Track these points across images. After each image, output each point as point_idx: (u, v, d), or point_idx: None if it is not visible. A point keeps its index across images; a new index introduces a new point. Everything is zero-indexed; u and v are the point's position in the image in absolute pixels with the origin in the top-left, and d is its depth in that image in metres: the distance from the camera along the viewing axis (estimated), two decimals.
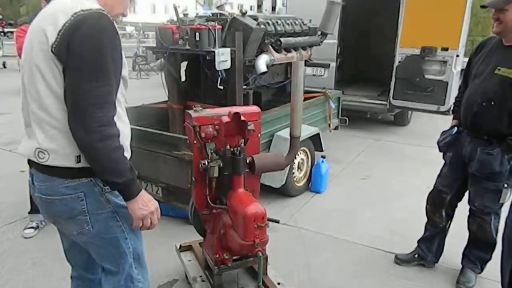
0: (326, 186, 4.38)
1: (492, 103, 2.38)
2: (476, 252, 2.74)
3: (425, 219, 2.98)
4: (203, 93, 4.20)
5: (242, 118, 2.09)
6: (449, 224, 2.88)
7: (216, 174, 2.11)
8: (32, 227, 3.36)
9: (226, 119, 2.09)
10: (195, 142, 2.13)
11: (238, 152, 2.14)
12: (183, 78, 4.36)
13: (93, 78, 1.35)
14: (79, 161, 1.45)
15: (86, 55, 1.35)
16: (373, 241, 3.36)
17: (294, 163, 4.12)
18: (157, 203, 1.58)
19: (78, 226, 1.54)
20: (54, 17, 1.39)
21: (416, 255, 3.00)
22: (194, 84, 4.26)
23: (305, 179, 4.36)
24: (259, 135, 2.34)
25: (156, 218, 1.57)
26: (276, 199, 4.07)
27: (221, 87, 3.77)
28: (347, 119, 5.44)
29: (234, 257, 2.30)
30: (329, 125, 5.06)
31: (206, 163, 2.09)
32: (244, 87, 3.87)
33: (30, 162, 1.55)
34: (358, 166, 5.17)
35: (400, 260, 3.03)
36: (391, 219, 3.75)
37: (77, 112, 1.37)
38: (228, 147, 2.14)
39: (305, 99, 4.56)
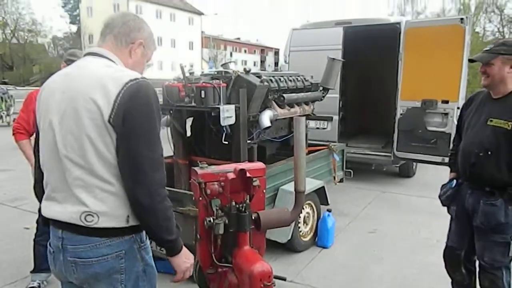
0: (333, 241, 4.30)
1: (489, 152, 2.41)
2: None
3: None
4: (208, 148, 4.26)
5: (248, 174, 2.10)
6: (474, 280, 2.74)
7: (221, 231, 2.09)
8: (33, 287, 3.27)
9: (231, 176, 2.11)
10: (200, 198, 2.13)
11: (243, 209, 2.13)
12: (188, 134, 4.44)
13: (149, 143, 1.44)
14: (128, 221, 1.49)
15: (142, 123, 1.43)
16: None
17: (300, 217, 4.07)
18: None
19: (110, 286, 1.52)
20: (102, 86, 1.42)
21: None
22: (199, 140, 4.32)
23: (312, 234, 4.28)
24: (264, 191, 2.34)
25: (191, 269, 1.66)
26: (282, 255, 3.97)
27: (226, 142, 3.82)
28: (351, 171, 5.44)
29: None
30: (334, 178, 5.05)
31: (212, 220, 2.08)
32: (249, 141, 3.93)
33: (62, 226, 1.51)
34: (365, 219, 5.09)
35: None
36: (401, 275, 3.63)
37: (138, 176, 1.42)
38: (234, 203, 2.14)
39: (309, 152, 4.62)
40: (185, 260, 1.60)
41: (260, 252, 2.28)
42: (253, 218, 2.19)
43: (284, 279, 3.54)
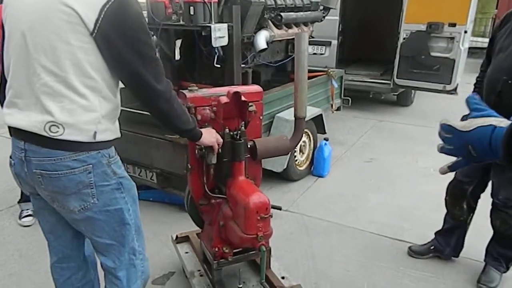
0: (329, 170, 4.20)
1: None
2: (500, 249, 2.51)
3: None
4: (198, 72, 3.97)
5: (243, 98, 1.88)
6: (471, 218, 2.64)
7: (214, 161, 1.91)
8: (30, 215, 3.18)
9: (224, 99, 1.88)
10: None
11: (238, 136, 1.94)
12: (177, 57, 4.12)
13: (151, 58, 1.45)
14: (95, 137, 1.44)
15: (137, 36, 1.40)
16: (380, 228, 3.19)
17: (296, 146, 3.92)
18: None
19: (81, 201, 1.49)
20: None
21: (432, 247, 2.79)
22: (189, 63, 4.02)
23: (307, 163, 4.17)
24: (261, 117, 2.13)
25: (219, 139, 1.87)
26: (277, 184, 3.89)
27: (218, 66, 3.53)
28: (349, 99, 5.21)
29: (235, 251, 2.12)
30: (332, 106, 4.84)
31: (203, 149, 1.89)
32: (243, 65, 3.64)
33: (25, 136, 1.42)
34: (362, 148, 4.98)
35: (414, 252, 2.83)
36: (398, 204, 3.58)
37: (148, 92, 1.47)
38: (227, 130, 1.94)
39: (307, 78, 4.35)
40: (209, 136, 1.78)
41: (256, 183, 2.13)
42: (248, 146, 2.00)
43: (280, 209, 3.50)
